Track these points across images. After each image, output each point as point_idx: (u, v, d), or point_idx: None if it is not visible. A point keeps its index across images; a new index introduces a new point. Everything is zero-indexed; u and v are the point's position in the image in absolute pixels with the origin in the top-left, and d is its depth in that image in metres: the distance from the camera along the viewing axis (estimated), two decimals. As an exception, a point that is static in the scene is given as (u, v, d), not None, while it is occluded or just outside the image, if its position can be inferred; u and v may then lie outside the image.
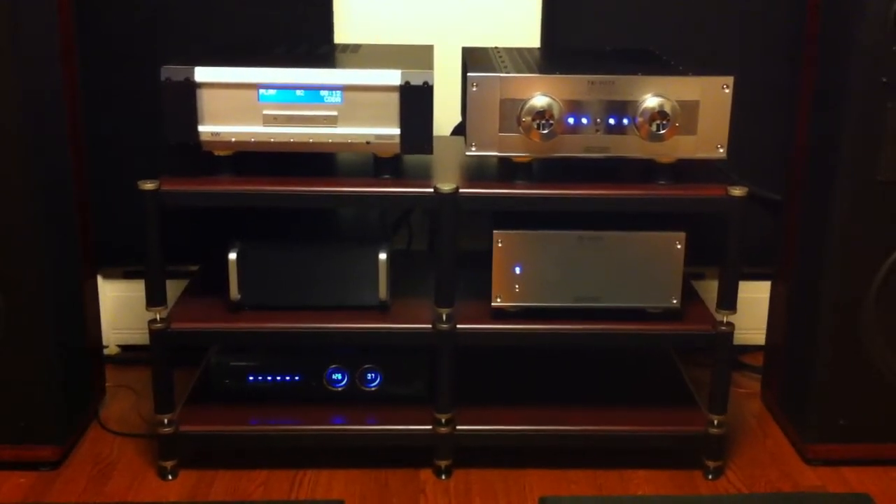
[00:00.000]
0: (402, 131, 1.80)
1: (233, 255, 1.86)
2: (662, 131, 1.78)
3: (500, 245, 1.86)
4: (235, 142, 1.81)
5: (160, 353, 1.87)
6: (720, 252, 1.85)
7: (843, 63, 1.82)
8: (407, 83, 1.78)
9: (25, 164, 1.78)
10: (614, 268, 1.87)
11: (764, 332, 2.23)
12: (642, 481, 1.95)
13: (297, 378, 2.00)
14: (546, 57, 2.07)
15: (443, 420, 1.92)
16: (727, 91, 1.78)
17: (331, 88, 1.79)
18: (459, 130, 2.18)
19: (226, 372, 2.00)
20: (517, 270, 1.86)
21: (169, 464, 1.93)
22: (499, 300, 1.88)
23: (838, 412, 1.97)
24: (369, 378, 2.00)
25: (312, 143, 1.81)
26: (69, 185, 1.96)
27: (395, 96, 1.78)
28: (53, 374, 1.90)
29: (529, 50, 2.14)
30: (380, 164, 1.86)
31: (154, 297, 1.84)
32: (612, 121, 1.80)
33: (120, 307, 2.37)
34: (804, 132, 2.00)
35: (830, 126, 1.88)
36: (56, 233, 1.90)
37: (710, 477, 1.96)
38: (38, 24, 1.82)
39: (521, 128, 1.79)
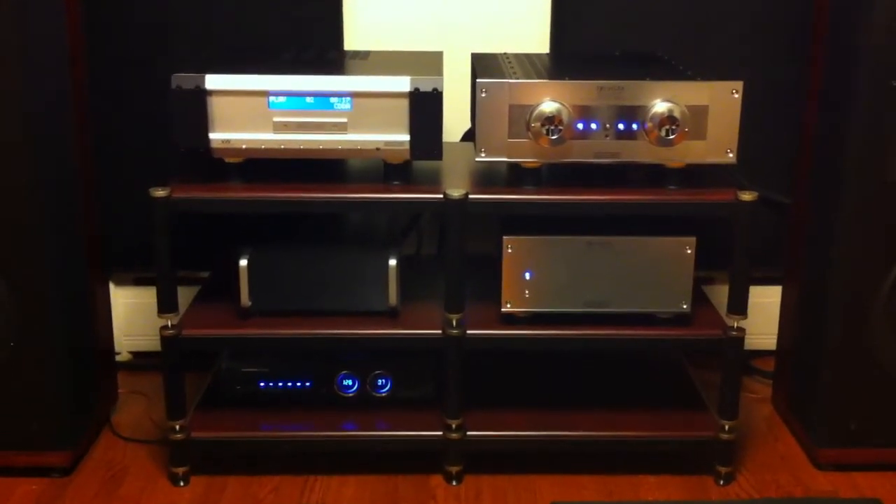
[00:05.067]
0: (411, 137, 1.81)
1: (243, 262, 1.87)
2: (672, 136, 1.78)
3: (509, 250, 1.86)
4: (246, 149, 1.81)
5: (171, 360, 1.88)
6: (730, 256, 1.85)
7: (850, 65, 1.82)
8: (416, 89, 1.78)
9: (33, 170, 1.79)
10: (624, 273, 1.87)
11: (775, 336, 2.22)
12: (653, 487, 1.95)
13: (307, 384, 2.01)
14: (555, 63, 2.07)
15: (453, 425, 1.92)
16: (736, 96, 1.78)
17: (340, 95, 1.79)
18: (469, 136, 2.18)
19: (237, 378, 2.01)
20: (527, 276, 1.87)
21: (180, 470, 1.93)
22: (508, 305, 1.88)
23: (849, 417, 1.96)
24: (380, 384, 2.00)
25: (322, 149, 1.82)
26: (78, 192, 1.97)
27: (405, 103, 1.79)
28: (65, 381, 1.91)
29: (538, 56, 2.14)
30: (389, 171, 1.87)
31: (165, 304, 1.84)
32: (621, 126, 1.80)
33: (131, 314, 2.38)
34: (811, 134, 2.00)
35: (837, 128, 1.88)
36: (66, 239, 1.91)
37: (720, 482, 1.96)
38: (46, 28, 1.83)
39: (530, 133, 1.79)
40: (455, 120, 2.17)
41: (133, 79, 2.18)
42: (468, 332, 1.87)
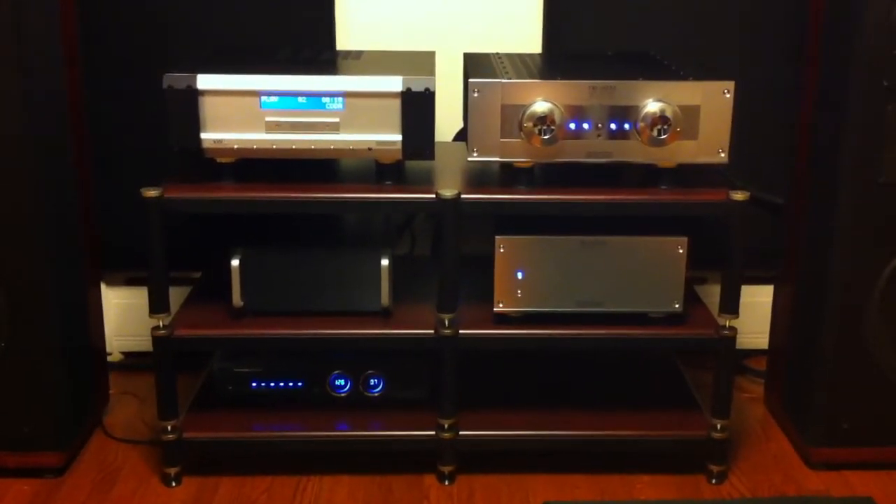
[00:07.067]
0: (403, 137, 1.80)
1: (235, 262, 1.87)
2: (664, 136, 1.78)
3: (501, 250, 1.86)
4: (238, 149, 1.81)
5: (163, 360, 1.87)
6: (723, 256, 1.85)
7: (845, 66, 1.82)
8: (408, 89, 1.78)
9: (29, 170, 1.79)
10: (616, 272, 1.87)
11: (767, 335, 2.23)
12: (645, 486, 1.95)
13: (300, 384, 2.01)
14: (547, 62, 2.07)
15: (446, 425, 1.92)
16: (728, 96, 1.79)
17: (333, 95, 1.79)
18: (461, 136, 2.18)
19: (229, 378, 2.00)
20: (519, 275, 1.87)
21: (173, 470, 1.93)
22: (501, 305, 1.88)
23: (841, 416, 1.96)
24: (372, 384, 2.00)
25: (314, 149, 1.81)
26: (73, 192, 1.96)
27: (397, 102, 1.79)
28: (57, 381, 1.90)
29: (531, 55, 2.14)
30: (382, 171, 1.87)
31: (157, 304, 1.84)
32: (613, 126, 1.80)
33: (123, 314, 2.38)
34: (808, 135, 2.00)
35: (832, 129, 1.88)
36: (60, 239, 1.90)
37: (713, 481, 1.96)
38: (41, 28, 1.83)
39: (522, 133, 1.79)
40: (447, 120, 2.17)
41: (129, 79, 2.18)
42: (461, 331, 1.87)
